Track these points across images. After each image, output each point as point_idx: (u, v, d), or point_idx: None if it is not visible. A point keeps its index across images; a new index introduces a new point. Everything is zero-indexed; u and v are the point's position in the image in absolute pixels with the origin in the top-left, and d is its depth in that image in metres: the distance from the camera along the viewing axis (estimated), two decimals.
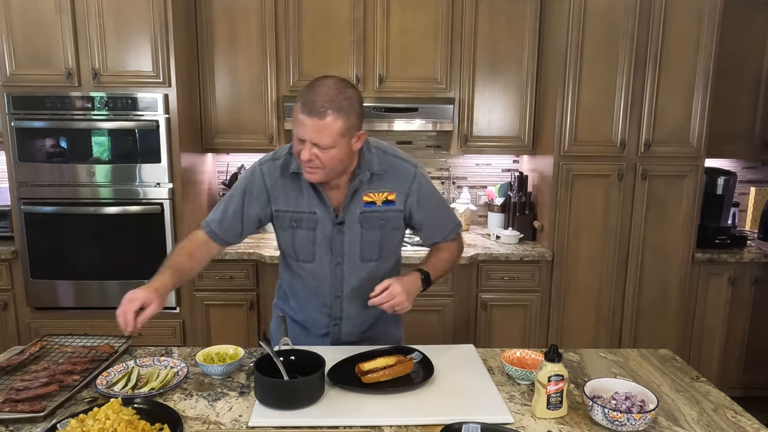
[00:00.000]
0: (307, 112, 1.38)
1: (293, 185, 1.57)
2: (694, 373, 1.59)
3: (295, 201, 1.57)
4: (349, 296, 1.65)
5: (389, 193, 1.59)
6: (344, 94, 1.41)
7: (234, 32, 3.01)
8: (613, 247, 2.96)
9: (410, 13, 3.01)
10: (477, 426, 1.22)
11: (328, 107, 1.38)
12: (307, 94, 1.40)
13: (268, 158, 1.62)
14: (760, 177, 3.59)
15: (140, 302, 1.40)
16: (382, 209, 1.59)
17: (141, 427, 1.18)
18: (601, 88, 2.84)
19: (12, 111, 2.74)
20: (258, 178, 1.59)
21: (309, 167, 1.46)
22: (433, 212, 1.68)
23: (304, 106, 1.39)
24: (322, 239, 1.58)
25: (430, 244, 1.75)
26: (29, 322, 2.94)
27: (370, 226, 1.59)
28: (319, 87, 1.40)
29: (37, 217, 2.82)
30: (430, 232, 1.71)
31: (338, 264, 1.61)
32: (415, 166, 1.66)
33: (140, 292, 1.41)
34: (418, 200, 1.63)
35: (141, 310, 1.40)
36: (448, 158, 3.51)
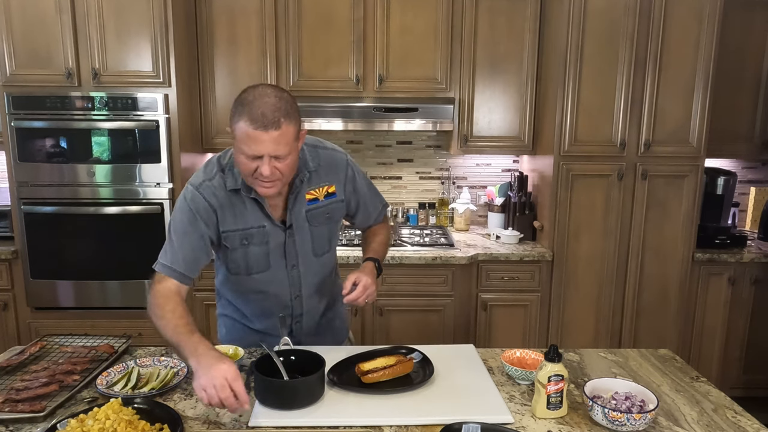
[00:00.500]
0: (262, 127, 1.32)
1: (236, 203, 1.51)
2: (694, 373, 1.59)
3: (243, 218, 1.52)
4: (307, 292, 1.66)
5: (329, 186, 1.60)
6: (284, 98, 1.37)
7: (234, 32, 3.01)
8: (613, 247, 2.96)
9: (410, 13, 3.01)
10: (477, 426, 1.22)
11: (279, 116, 1.34)
12: (251, 109, 1.33)
13: (200, 180, 1.50)
14: (760, 177, 3.59)
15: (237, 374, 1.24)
16: (326, 203, 1.60)
17: (141, 427, 1.19)
18: (601, 88, 2.84)
19: (12, 111, 2.74)
20: (202, 202, 1.49)
21: (268, 182, 1.40)
22: (366, 196, 1.71)
23: (256, 122, 1.32)
24: (275, 248, 1.57)
25: (364, 228, 1.80)
26: (29, 322, 2.94)
27: (318, 222, 1.60)
28: (260, 99, 1.34)
29: (37, 217, 2.82)
30: (366, 216, 1.75)
31: (294, 266, 1.61)
32: (345, 153, 1.67)
33: (229, 367, 1.23)
34: (354, 187, 1.66)
35: None
36: (448, 158, 3.51)
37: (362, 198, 1.70)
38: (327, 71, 3.05)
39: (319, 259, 1.65)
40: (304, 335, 1.71)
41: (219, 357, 1.26)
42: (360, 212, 1.72)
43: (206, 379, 1.21)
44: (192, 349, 1.29)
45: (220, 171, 1.51)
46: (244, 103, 1.36)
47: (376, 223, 1.80)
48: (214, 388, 1.20)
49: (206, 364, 1.23)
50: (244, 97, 1.38)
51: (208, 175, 1.52)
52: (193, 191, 1.50)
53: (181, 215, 1.50)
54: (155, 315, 1.42)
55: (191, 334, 1.33)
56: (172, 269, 1.47)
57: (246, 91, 1.40)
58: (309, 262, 1.63)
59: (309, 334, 1.72)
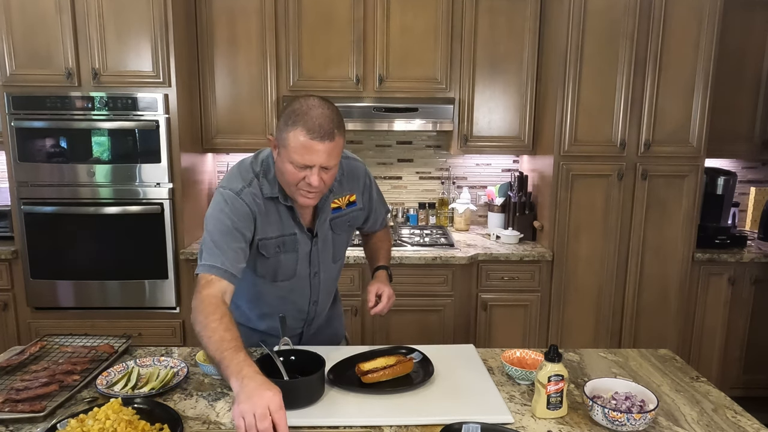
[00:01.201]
0: (318, 138, 1.34)
1: (272, 210, 1.52)
2: (694, 373, 1.59)
3: (278, 226, 1.53)
4: (322, 297, 1.70)
5: (350, 195, 1.64)
6: (336, 110, 1.40)
7: (234, 32, 3.01)
8: (613, 247, 2.96)
9: (410, 13, 3.01)
10: (477, 426, 1.22)
11: (333, 127, 1.36)
12: (307, 119, 1.34)
13: (240, 186, 1.48)
14: (760, 177, 3.59)
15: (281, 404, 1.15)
16: (348, 211, 1.65)
17: (141, 427, 1.18)
18: (601, 88, 2.84)
19: (12, 111, 2.74)
20: (244, 207, 1.46)
21: (312, 192, 1.42)
22: (377, 203, 1.76)
23: (313, 132, 1.33)
24: (303, 256, 1.59)
25: (370, 232, 1.85)
26: (29, 322, 2.94)
27: (340, 230, 1.65)
28: (315, 110, 1.35)
29: (37, 217, 2.82)
30: (374, 222, 1.80)
31: (316, 273, 1.64)
32: (363, 162, 1.71)
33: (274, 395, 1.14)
34: (370, 195, 1.72)
35: None
36: (448, 158, 3.51)
37: (374, 205, 1.74)
38: (327, 71, 3.05)
39: (335, 265, 1.70)
40: (310, 336, 1.74)
41: (265, 383, 1.16)
42: (370, 219, 1.77)
43: (247, 406, 1.11)
44: (236, 369, 1.18)
45: (255, 177, 1.50)
46: (299, 113, 1.35)
47: (380, 228, 1.85)
48: (253, 417, 1.10)
49: (250, 389, 1.14)
50: (296, 107, 1.37)
51: (246, 181, 1.49)
52: (235, 197, 1.46)
53: (224, 217, 1.45)
54: (200, 323, 1.31)
55: (237, 352, 1.22)
56: (221, 269, 1.40)
57: (297, 101, 1.40)
58: (328, 269, 1.67)
59: (314, 334, 1.75)
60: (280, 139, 1.39)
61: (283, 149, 1.39)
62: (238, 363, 1.20)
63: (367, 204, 1.71)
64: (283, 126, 1.38)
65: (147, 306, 2.91)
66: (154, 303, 2.91)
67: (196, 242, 3.04)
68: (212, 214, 1.48)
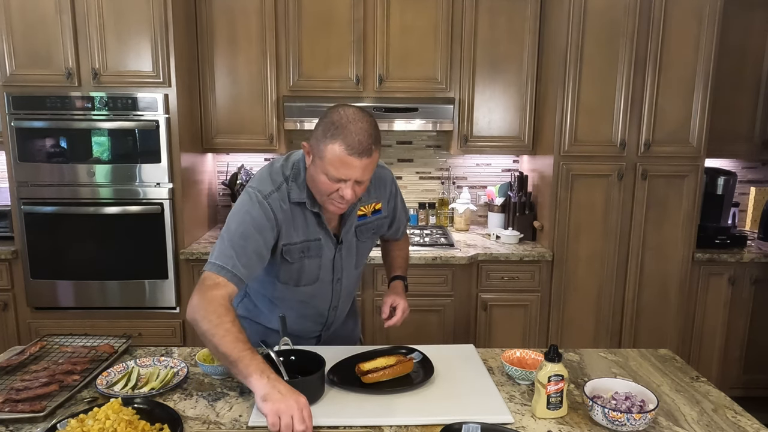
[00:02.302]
0: (357, 154, 1.33)
1: (298, 215, 1.50)
2: (694, 373, 1.59)
3: (303, 230, 1.52)
4: (342, 303, 1.71)
5: (376, 203, 1.64)
6: (374, 124, 1.38)
7: (234, 32, 3.01)
8: (613, 247, 2.96)
9: (410, 13, 3.01)
10: (477, 426, 1.22)
11: (372, 143, 1.35)
12: (347, 134, 1.32)
13: (269, 189, 1.47)
14: (760, 177, 3.59)
15: None
16: (373, 219, 1.65)
17: (141, 427, 1.18)
18: (601, 88, 2.84)
19: (12, 111, 2.74)
20: (268, 212, 1.44)
21: (344, 202, 1.43)
22: (400, 210, 1.77)
23: (352, 149, 1.32)
24: (326, 262, 1.59)
25: (390, 240, 1.86)
26: (29, 322, 2.94)
27: (365, 237, 1.65)
28: (355, 124, 1.33)
29: (37, 217, 2.82)
30: (396, 229, 1.79)
31: (338, 279, 1.64)
32: (390, 170, 1.72)
33: (299, 395, 1.20)
34: (395, 203, 1.73)
35: None
36: (448, 158, 3.51)
37: (398, 213, 1.75)
38: (327, 71, 3.05)
39: (357, 271, 1.71)
40: (327, 338, 1.75)
41: (293, 389, 1.21)
42: (393, 226, 1.77)
43: (284, 406, 1.16)
44: (259, 369, 1.22)
45: (285, 181, 1.49)
46: (338, 126, 1.33)
47: (401, 236, 1.85)
48: (291, 418, 1.15)
49: (283, 390, 1.19)
50: (336, 119, 1.35)
51: (275, 183, 1.48)
52: (262, 200, 1.45)
53: (248, 219, 1.43)
54: (210, 322, 1.30)
55: (255, 354, 1.27)
56: (231, 273, 1.38)
57: (335, 110, 1.37)
58: (350, 275, 1.67)
59: (331, 336, 1.76)
60: (316, 149, 1.38)
61: (319, 160, 1.37)
62: (259, 364, 1.23)
63: (392, 212, 1.72)
64: (321, 137, 1.36)
65: (147, 306, 2.91)
66: (154, 303, 2.91)
67: (196, 242, 3.04)
68: (237, 213, 1.46)
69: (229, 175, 3.38)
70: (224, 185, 3.42)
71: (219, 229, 3.34)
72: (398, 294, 1.71)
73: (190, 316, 1.35)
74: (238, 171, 3.33)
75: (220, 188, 3.50)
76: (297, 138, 3.39)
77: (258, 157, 3.45)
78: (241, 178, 3.31)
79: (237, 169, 3.36)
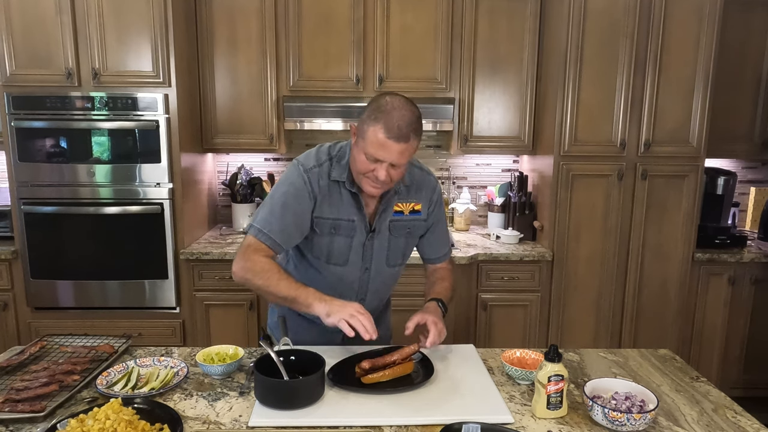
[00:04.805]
0: (394, 138, 1.41)
1: (335, 193, 1.59)
2: (694, 373, 1.59)
3: (337, 209, 1.59)
4: (370, 297, 1.72)
5: (416, 204, 1.68)
6: (417, 115, 1.47)
7: (234, 32, 3.01)
8: (613, 247, 2.96)
9: (410, 13, 3.01)
10: (477, 426, 1.22)
11: (410, 131, 1.43)
12: (389, 118, 1.41)
13: (311, 164, 1.58)
14: (760, 177, 3.59)
15: None
16: (410, 218, 1.68)
17: (141, 427, 1.18)
18: (601, 88, 2.84)
19: (12, 111, 2.74)
20: (306, 184, 1.56)
21: (378, 183, 1.50)
22: (441, 225, 1.79)
23: (390, 131, 1.41)
24: (357, 245, 1.63)
25: (428, 258, 1.85)
26: (29, 322, 2.94)
27: (398, 234, 1.67)
28: (398, 111, 1.43)
29: (37, 217, 2.82)
30: (432, 245, 1.80)
31: (367, 269, 1.67)
32: (436, 178, 1.76)
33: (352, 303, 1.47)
34: (435, 211, 1.74)
35: None
36: (448, 158, 3.51)
37: (437, 225, 1.76)
38: (327, 71, 3.05)
39: (389, 269, 1.72)
40: None
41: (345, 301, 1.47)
42: (430, 239, 1.77)
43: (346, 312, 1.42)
44: (315, 296, 1.47)
45: (329, 160, 1.59)
46: (383, 110, 1.43)
47: (439, 263, 1.85)
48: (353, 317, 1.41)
49: (339, 304, 1.45)
50: (383, 103, 1.45)
51: (319, 160, 1.59)
52: (303, 173, 1.56)
53: (288, 188, 1.56)
54: (262, 278, 1.50)
55: (306, 288, 1.50)
56: (272, 239, 1.54)
57: (384, 97, 1.47)
58: (381, 269, 1.69)
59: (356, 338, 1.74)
60: (360, 129, 1.48)
61: (361, 140, 1.47)
62: (313, 293, 1.48)
63: (432, 220, 1.73)
64: (366, 119, 1.46)
65: (147, 306, 2.91)
66: (154, 303, 2.91)
67: (196, 242, 3.04)
68: (281, 183, 1.59)
69: (229, 175, 3.38)
70: (224, 185, 3.42)
71: (219, 230, 3.34)
72: (433, 313, 1.62)
73: (239, 277, 1.54)
74: (238, 171, 3.33)
75: (220, 188, 3.50)
76: (297, 138, 3.39)
77: (258, 157, 3.45)
78: (240, 178, 3.30)
79: (237, 169, 3.36)
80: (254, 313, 2.93)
